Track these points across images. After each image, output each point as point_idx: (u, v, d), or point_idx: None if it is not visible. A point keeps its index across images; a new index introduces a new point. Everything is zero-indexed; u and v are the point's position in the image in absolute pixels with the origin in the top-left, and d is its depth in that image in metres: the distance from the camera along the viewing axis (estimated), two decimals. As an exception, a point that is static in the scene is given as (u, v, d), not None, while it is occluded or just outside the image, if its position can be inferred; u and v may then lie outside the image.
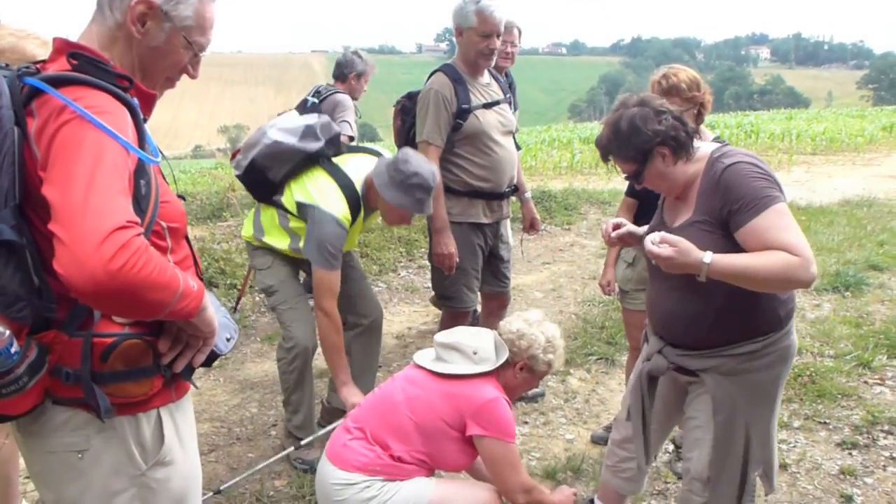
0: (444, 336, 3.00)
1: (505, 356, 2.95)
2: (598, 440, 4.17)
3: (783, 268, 2.33)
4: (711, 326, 2.61)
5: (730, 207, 2.44)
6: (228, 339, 1.96)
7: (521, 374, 2.98)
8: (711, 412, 2.68)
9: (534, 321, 3.00)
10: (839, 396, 4.67)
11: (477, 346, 2.92)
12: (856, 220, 9.45)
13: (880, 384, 4.87)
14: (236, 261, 6.83)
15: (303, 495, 3.67)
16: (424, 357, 3.03)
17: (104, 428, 1.77)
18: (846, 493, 3.70)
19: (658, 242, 2.41)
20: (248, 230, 3.86)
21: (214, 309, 1.84)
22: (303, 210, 3.53)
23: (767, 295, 2.53)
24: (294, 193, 3.58)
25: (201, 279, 1.94)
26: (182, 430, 1.94)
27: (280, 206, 3.64)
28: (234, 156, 3.86)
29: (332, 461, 2.86)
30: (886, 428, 4.29)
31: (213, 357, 1.92)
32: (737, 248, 2.44)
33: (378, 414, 2.91)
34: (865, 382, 4.89)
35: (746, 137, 18.53)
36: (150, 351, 1.75)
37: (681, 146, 2.56)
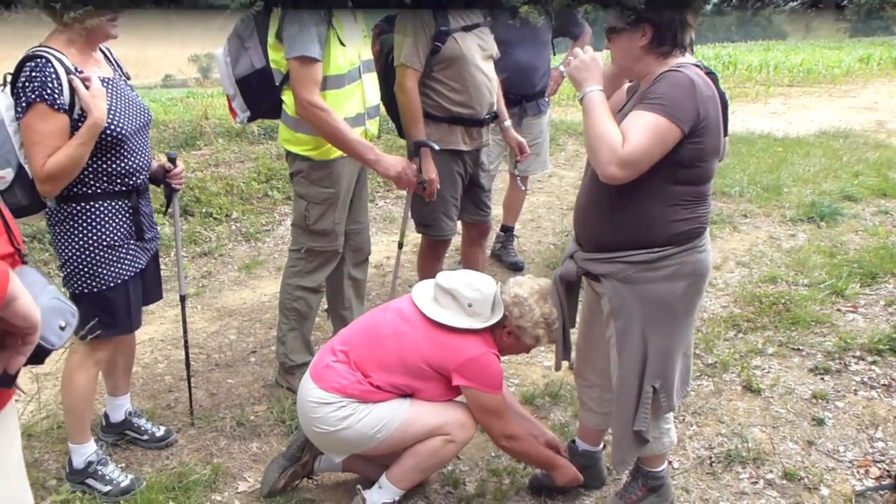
0: (445, 278, 2.95)
1: (500, 315, 2.93)
2: (571, 364, 4.20)
3: (602, 142, 2.47)
4: (608, 225, 2.68)
5: (643, 98, 2.54)
6: (63, 328, 1.51)
7: (507, 338, 2.98)
8: (613, 320, 2.74)
9: (537, 292, 2.96)
10: (813, 323, 4.74)
11: (474, 298, 2.88)
12: (832, 151, 9.47)
13: (853, 311, 4.94)
14: (211, 189, 6.75)
15: (283, 420, 3.69)
16: (422, 294, 3.00)
17: None
18: (818, 416, 3.78)
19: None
20: (284, 135, 3.69)
21: (38, 290, 1.43)
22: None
23: (667, 209, 2.58)
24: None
25: (18, 251, 1.54)
26: None
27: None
28: (234, 115, 3.77)
29: (314, 379, 2.89)
30: (858, 354, 4.37)
31: (42, 353, 1.44)
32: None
33: (365, 342, 2.92)
34: (839, 310, 4.97)
35: (724, 69, 18.41)
36: None
37: (661, 38, 2.58)
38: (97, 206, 2.94)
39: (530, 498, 3.22)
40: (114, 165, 2.94)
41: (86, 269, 2.94)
